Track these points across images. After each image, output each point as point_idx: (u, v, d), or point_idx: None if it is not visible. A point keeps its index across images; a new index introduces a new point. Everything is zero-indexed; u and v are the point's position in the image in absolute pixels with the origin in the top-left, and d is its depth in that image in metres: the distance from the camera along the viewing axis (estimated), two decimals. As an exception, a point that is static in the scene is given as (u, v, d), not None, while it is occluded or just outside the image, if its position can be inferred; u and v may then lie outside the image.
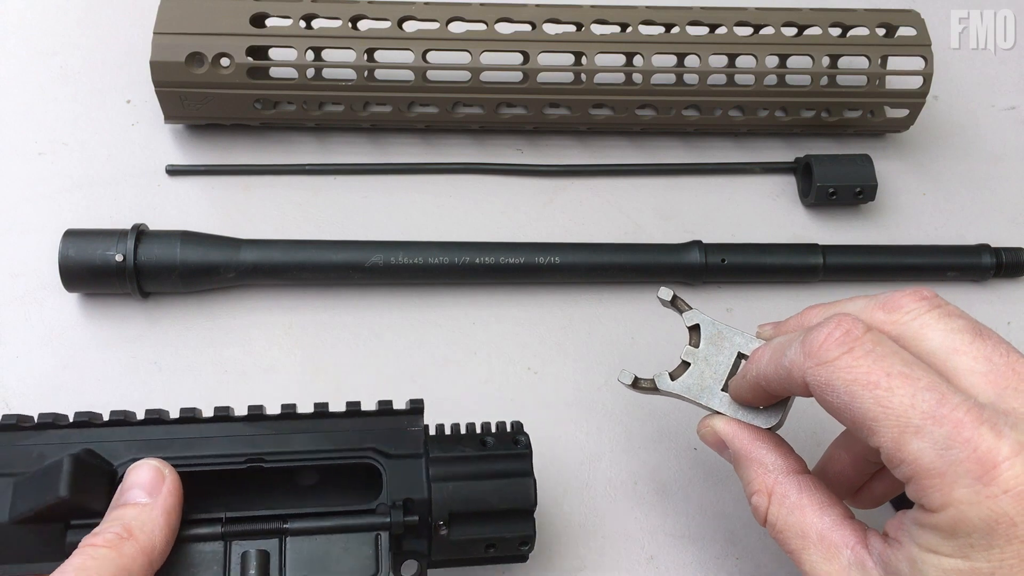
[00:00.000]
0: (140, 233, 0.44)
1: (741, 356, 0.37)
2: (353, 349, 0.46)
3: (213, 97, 0.47)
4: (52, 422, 0.34)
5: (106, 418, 0.34)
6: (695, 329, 0.38)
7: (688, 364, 0.37)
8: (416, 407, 0.35)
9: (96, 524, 0.31)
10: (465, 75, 0.48)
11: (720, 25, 0.50)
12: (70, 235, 0.43)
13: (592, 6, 0.49)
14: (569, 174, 0.52)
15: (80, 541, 0.30)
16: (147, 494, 0.31)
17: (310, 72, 0.48)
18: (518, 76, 0.49)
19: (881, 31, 0.50)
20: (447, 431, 0.36)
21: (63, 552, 0.31)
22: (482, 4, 0.49)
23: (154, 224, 0.46)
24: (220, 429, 0.34)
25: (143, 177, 0.50)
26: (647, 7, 0.50)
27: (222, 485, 0.34)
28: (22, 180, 0.49)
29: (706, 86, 0.49)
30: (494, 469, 0.35)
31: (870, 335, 0.29)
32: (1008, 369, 0.28)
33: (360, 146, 0.52)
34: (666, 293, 0.39)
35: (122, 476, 0.33)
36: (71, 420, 0.34)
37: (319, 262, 0.45)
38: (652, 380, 0.37)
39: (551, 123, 0.51)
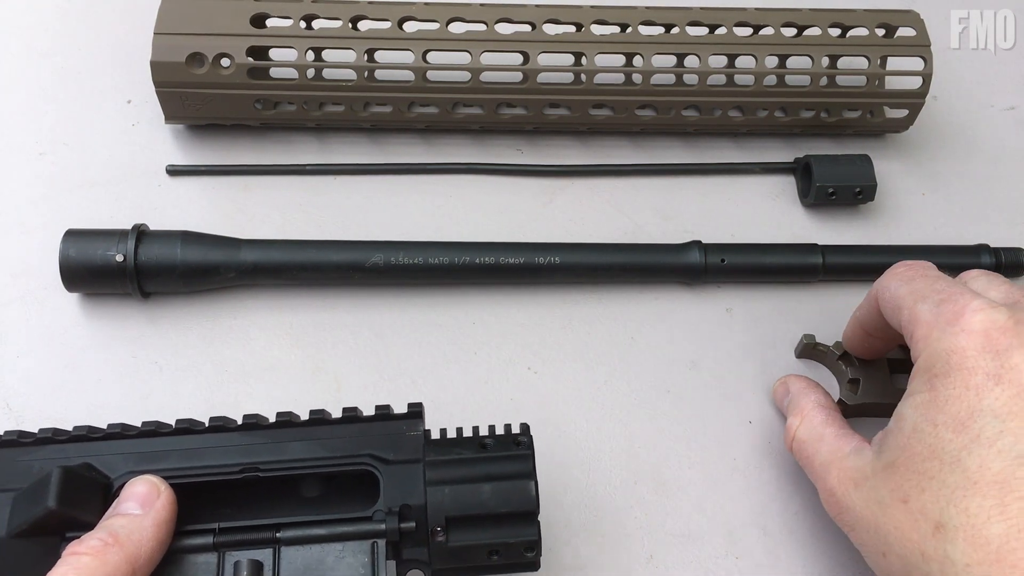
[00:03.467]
0: (141, 233, 0.44)
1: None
2: (353, 349, 0.46)
3: (213, 97, 0.48)
4: (51, 437, 0.34)
5: (104, 428, 0.34)
6: (845, 356, 0.45)
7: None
8: (415, 411, 0.35)
9: None
10: (465, 75, 0.48)
11: (720, 25, 0.50)
12: (71, 235, 0.43)
13: (592, 6, 0.49)
14: (569, 174, 0.52)
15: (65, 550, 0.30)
16: (140, 506, 0.31)
17: (310, 72, 0.49)
18: (518, 76, 0.49)
19: (881, 31, 0.50)
20: (450, 434, 0.36)
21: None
22: (482, 4, 0.49)
23: (155, 224, 0.46)
24: (217, 440, 0.34)
25: (143, 177, 0.50)
26: (647, 7, 0.50)
27: (220, 496, 0.34)
28: (23, 180, 0.49)
29: (706, 86, 0.49)
30: (493, 471, 0.34)
31: (933, 269, 0.38)
32: (1020, 296, 0.35)
33: (360, 146, 0.52)
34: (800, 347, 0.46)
35: (117, 490, 0.33)
36: (69, 435, 0.34)
37: (319, 262, 0.45)
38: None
39: (551, 123, 0.51)
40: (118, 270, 0.43)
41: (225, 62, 0.47)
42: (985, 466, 0.30)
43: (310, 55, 0.47)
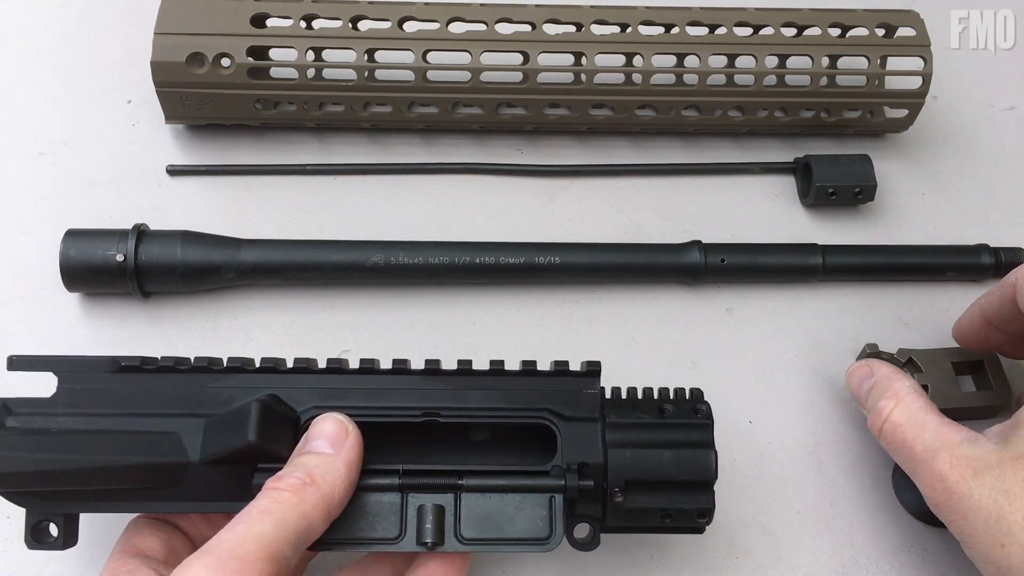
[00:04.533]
0: (141, 233, 0.44)
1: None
2: (353, 349, 0.46)
3: (214, 97, 0.48)
4: (240, 366, 0.34)
5: (290, 364, 0.35)
6: (910, 363, 0.44)
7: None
8: (593, 369, 0.35)
9: (280, 468, 0.32)
10: (465, 75, 0.48)
11: (720, 25, 0.50)
12: (71, 235, 0.43)
13: (592, 6, 0.49)
14: (569, 174, 0.52)
15: (264, 484, 0.31)
16: (331, 445, 0.32)
17: (310, 72, 0.49)
18: (518, 76, 0.49)
19: (880, 31, 0.50)
20: (624, 395, 0.36)
21: (249, 493, 0.31)
22: (482, 4, 0.49)
23: (155, 224, 0.46)
24: (397, 382, 0.35)
25: (144, 177, 0.50)
26: (647, 7, 0.50)
27: (396, 437, 0.34)
28: (23, 180, 0.49)
29: (706, 86, 0.49)
30: (673, 438, 0.34)
31: None
32: None
33: (360, 146, 0.52)
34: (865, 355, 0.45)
35: (305, 423, 0.33)
36: (257, 365, 0.34)
37: (319, 262, 0.45)
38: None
39: (551, 123, 0.51)
40: (118, 270, 0.43)
41: (225, 62, 0.47)
42: None
43: (310, 55, 0.47)
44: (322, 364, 0.35)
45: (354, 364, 0.35)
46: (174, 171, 0.50)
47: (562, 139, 0.53)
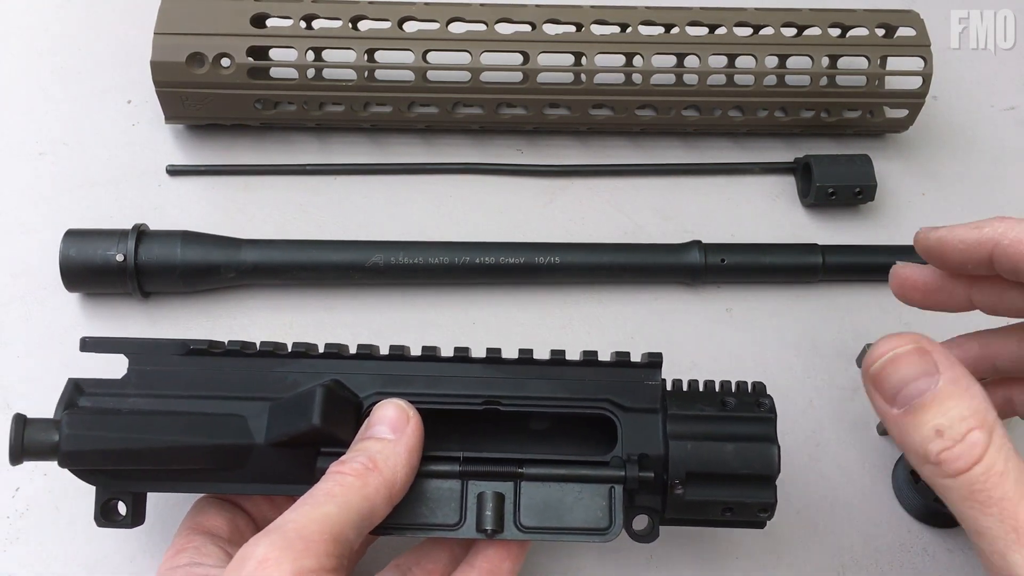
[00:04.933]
0: (141, 233, 0.44)
1: None
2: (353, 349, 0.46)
3: (214, 97, 0.48)
4: (304, 352, 0.35)
5: (353, 351, 0.35)
6: None
7: None
8: (655, 361, 0.35)
9: (342, 452, 0.32)
10: (465, 75, 0.48)
11: (720, 25, 0.50)
12: (71, 235, 0.43)
13: (592, 6, 0.49)
14: (569, 174, 0.52)
15: (328, 468, 0.32)
16: (392, 431, 0.32)
17: (310, 72, 0.49)
18: (518, 76, 0.49)
19: (880, 31, 0.50)
20: (685, 387, 0.36)
21: (312, 476, 0.32)
22: (482, 4, 0.49)
23: (155, 224, 0.46)
24: (459, 370, 0.35)
25: (144, 177, 0.50)
26: (647, 7, 0.50)
27: (456, 423, 0.35)
28: (23, 180, 0.49)
29: (706, 86, 0.49)
30: (735, 431, 0.34)
31: None
32: None
33: (360, 146, 0.52)
34: None
35: (367, 409, 0.34)
36: (321, 351, 0.35)
37: (319, 262, 0.45)
38: None
39: (551, 123, 0.51)
40: (118, 270, 0.43)
41: (225, 62, 0.47)
42: None
43: (310, 55, 0.47)
44: (384, 350, 0.36)
45: (416, 351, 0.35)
46: (174, 171, 0.50)
47: (562, 139, 0.53)
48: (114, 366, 0.45)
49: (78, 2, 0.56)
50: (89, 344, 0.35)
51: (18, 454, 0.32)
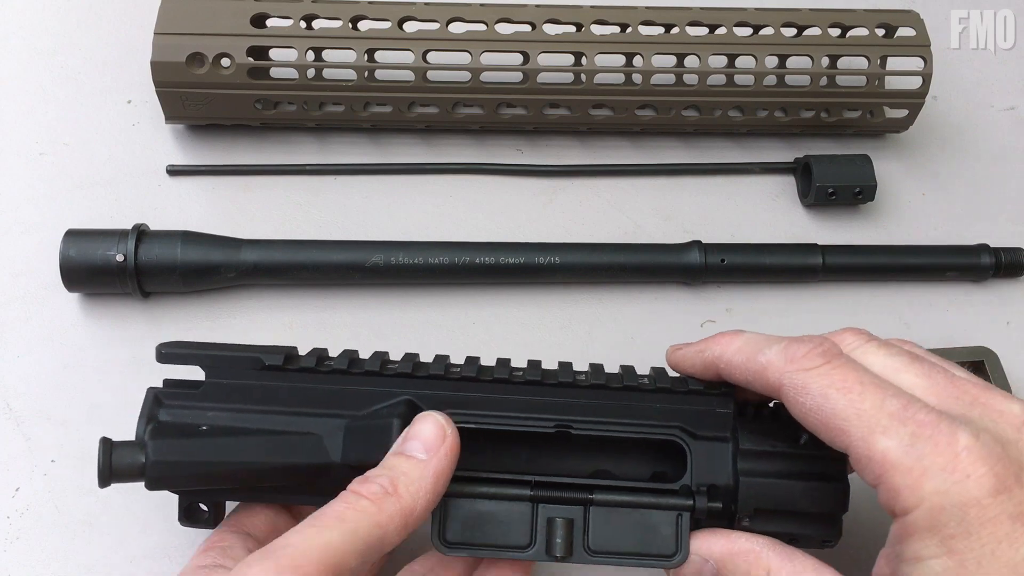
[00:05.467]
0: (141, 233, 0.44)
1: None
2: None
3: (214, 97, 0.48)
4: (378, 371, 0.35)
5: (429, 365, 0.35)
6: None
7: None
8: (727, 390, 0.35)
9: None
10: (465, 75, 0.48)
11: (720, 25, 0.50)
12: (71, 235, 0.43)
13: (592, 6, 0.49)
14: (569, 174, 0.52)
15: (351, 482, 0.31)
16: (424, 450, 0.31)
17: (310, 72, 0.49)
18: (518, 76, 0.49)
19: (880, 31, 0.50)
20: (751, 413, 0.35)
21: None
22: (482, 4, 0.49)
23: (155, 224, 0.46)
24: (532, 392, 0.35)
25: (144, 177, 0.50)
26: (647, 7, 0.50)
27: (522, 439, 0.35)
28: (23, 180, 0.49)
29: (706, 86, 0.49)
30: (807, 470, 0.34)
31: (845, 356, 0.32)
32: (947, 383, 0.31)
33: (360, 146, 0.52)
34: None
35: None
36: (395, 370, 0.35)
37: (319, 262, 0.45)
38: None
39: (551, 123, 0.51)
40: (118, 270, 0.43)
41: (225, 62, 0.47)
42: None
43: (310, 55, 0.47)
44: (458, 359, 0.36)
45: (490, 373, 0.35)
46: (174, 171, 0.50)
47: (562, 139, 0.53)
48: (114, 367, 0.45)
49: (78, 2, 0.55)
50: (166, 355, 0.35)
51: (107, 477, 0.32)
